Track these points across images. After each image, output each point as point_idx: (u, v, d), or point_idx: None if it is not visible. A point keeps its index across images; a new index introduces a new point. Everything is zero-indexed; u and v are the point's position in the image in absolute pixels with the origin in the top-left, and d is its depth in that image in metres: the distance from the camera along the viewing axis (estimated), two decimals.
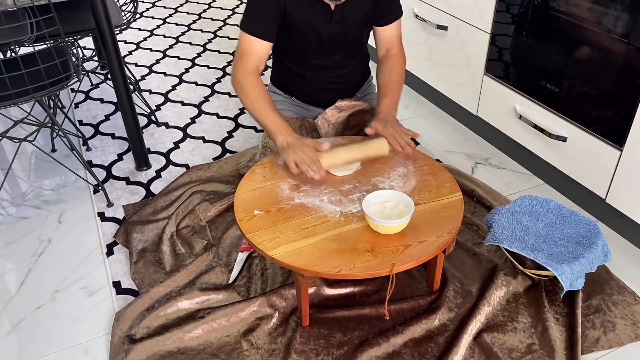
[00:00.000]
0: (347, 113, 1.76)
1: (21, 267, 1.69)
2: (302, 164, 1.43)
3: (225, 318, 1.43)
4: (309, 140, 1.49)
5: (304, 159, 1.43)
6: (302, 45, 1.65)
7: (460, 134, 2.31)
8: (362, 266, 1.23)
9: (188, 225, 1.78)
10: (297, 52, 1.70)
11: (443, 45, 2.26)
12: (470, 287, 1.54)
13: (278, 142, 1.50)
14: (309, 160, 1.43)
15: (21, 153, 2.24)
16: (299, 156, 1.44)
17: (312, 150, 1.46)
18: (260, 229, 1.34)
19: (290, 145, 1.47)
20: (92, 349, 1.44)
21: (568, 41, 1.69)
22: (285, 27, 1.60)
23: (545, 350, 1.37)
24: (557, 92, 1.78)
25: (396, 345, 1.38)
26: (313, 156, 1.45)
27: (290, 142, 1.48)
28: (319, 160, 1.45)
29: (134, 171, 2.11)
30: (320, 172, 1.43)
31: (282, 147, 1.49)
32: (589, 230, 1.55)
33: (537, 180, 2.04)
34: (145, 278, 1.61)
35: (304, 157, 1.44)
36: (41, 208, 1.94)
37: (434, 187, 1.46)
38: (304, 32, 1.61)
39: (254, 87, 1.56)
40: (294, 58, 1.72)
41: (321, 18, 1.59)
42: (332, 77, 1.76)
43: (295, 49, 1.68)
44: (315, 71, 1.74)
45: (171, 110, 2.51)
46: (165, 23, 3.46)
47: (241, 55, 1.58)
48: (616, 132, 1.62)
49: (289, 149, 1.47)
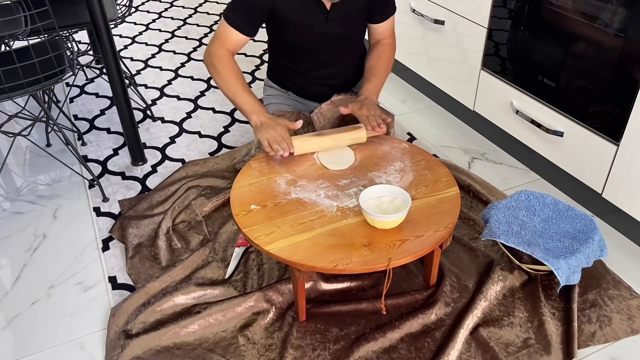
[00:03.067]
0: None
1: (16, 263, 1.68)
2: (274, 142, 1.49)
3: (221, 313, 1.43)
4: (282, 120, 1.55)
5: (276, 137, 1.49)
6: (298, 42, 1.65)
7: (457, 129, 2.31)
8: (358, 261, 1.23)
9: (184, 220, 1.77)
10: (293, 48, 1.69)
11: (440, 40, 2.25)
12: (467, 282, 1.54)
13: (252, 122, 1.56)
14: (280, 139, 1.49)
15: (16, 148, 2.23)
16: (271, 135, 1.50)
17: (284, 129, 1.52)
18: (256, 223, 1.33)
19: (263, 124, 1.53)
20: (87, 344, 1.43)
21: (565, 36, 1.69)
22: (280, 25, 1.60)
23: (541, 344, 1.38)
24: (554, 87, 1.78)
25: (393, 340, 1.38)
26: (284, 134, 1.51)
27: (264, 121, 1.53)
28: (289, 138, 1.51)
29: (129, 166, 2.10)
30: (290, 149, 1.50)
31: (256, 126, 1.55)
32: (585, 225, 1.55)
33: (534, 175, 2.04)
34: (141, 273, 1.60)
35: (275, 136, 1.50)
36: (36, 203, 1.93)
37: (431, 182, 1.46)
38: (299, 30, 1.61)
39: (227, 67, 1.59)
40: (290, 54, 1.72)
41: (317, 16, 1.58)
42: (328, 73, 1.75)
43: (291, 45, 1.68)
44: (311, 67, 1.73)
45: (167, 105, 2.50)
46: (161, 17, 3.44)
47: (217, 37, 1.61)
48: (613, 127, 1.62)
49: (262, 127, 1.52)
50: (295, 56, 1.71)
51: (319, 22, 1.59)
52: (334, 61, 1.73)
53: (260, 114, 1.56)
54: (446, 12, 2.17)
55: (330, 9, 1.57)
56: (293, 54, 1.71)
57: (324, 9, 1.57)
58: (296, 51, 1.69)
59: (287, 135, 1.51)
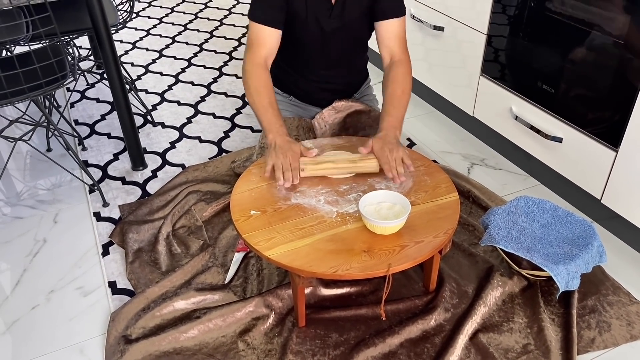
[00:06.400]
0: (344, 114, 1.77)
1: (16, 267, 1.69)
2: (278, 170, 1.42)
3: (221, 318, 1.43)
4: (297, 147, 1.47)
5: (283, 165, 1.42)
6: (303, 38, 1.64)
7: (457, 134, 2.32)
8: (358, 266, 1.23)
9: (184, 225, 1.77)
10: (297, 47, 1.68)
11: (439, 46, 2.26)
12: (467, 288, 1.54)
13: (268, 140, 1.50)
14: (287, 167, 1.42)
15: (16, 153, 2.23)
16: (279, 162, 1.43)
17: (296, 158, 1.45)
18: (256, 229, 1.33)
19: (276, 146, 1.46)
20: (87, 349, 1.43)
21: (564, 42, 1.70)
22: (289, 19, 1.60)
23: (541, 350, 1.38)
24: (553, 93, 1.78)
25: (392, 346, 1.38)
26: (293, 164, 1.43)
27: (279, 144, 1.46)
28: (297, 169, 1.44)
29: (129, 171, 2.11)
30: (293, 181, 1.42)
31: (269, 145, 1.49)
32: (584, 231, 1.56)
33: (533, 181, 2.04)
34: (141, 278, 1.60)
35: (283, 163, 1.42)
36: (36, 208, 1.93)
37: (430, 188, 1.47)
38: (305, 24, 1.60)
39: (257, 80, 1.55)
40: (294, 54, 1.72)
41: (322, 11, 1.58)
42: (331, 77, 1.75)
43: (296, 43, 1.67)
44: (314, 69, 1.73)
45: (167, 110, 2.51)
46: (162, 23, 3.46)
47: (250, 45, 1.57)
48: (612, 133, 1.62)
49: (273, 150, 1.46)
50: (300, 55, 1.71)
51: (324, 17, 1.59)
52: (337, 62, 1.73)
53: (277, 135, 1.48)
54: (446, 19, 2.18)
55: (334, 4, 1.57)
56: (297, 53, 1.70)
57: (329, 3, 1.58)
58: (301, 49, 1.68)
59: (296, 164, 1.44)
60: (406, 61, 1.64)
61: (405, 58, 1.64)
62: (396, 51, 1.64)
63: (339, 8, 1.58)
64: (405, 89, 1.60)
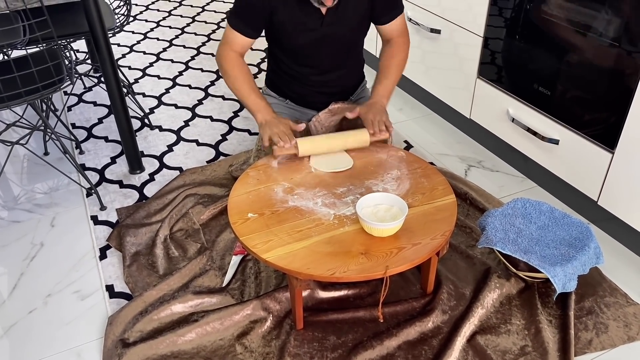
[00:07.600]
0: (339, 116, 1.77)
1: (13, 271, 1.68)
2: (274, 136, 1.54)
3: (219, 321, 1.43)
4: (285, 120, 1.60)
5: (277, 133, 1.54)
6: (295, 46, 1.66)
7: (454, 137, 2.32)
8: (356, 269, 1.23)
9: (182, 228, 1.77)
10: (291, 53, 1.70)
11: (436, 48, 2.27)
12: (464, 290, 1.54)
13: (257, 120, 1.62)
14: (282, 134, 1.54)
15: (13, 156, 2.23)
16: (273, 131, 1.54)
17: (287, 127, 1.57)
18: (254, 232, 1.34)
19: (267, 122, 1.58)
20: (84, 353, 1.43)
21: (560, 45, 1.70)
22: (278, 28, 1.61)
23: (538, 352, 1.38)
24: (549, 96, 1.79)
25: (390, 348, 1.38)
26: (287, 131, 1.55)
27: (268, 120, 1.59)
28: (292, 135, 1.55)
29: (127, 174, 2.10)
30: (291, 142, 1.53)
31: (260, 124, 1.60)
32: (581, 233, 1.56)
33: (530, 182, 2.05)
34: (138, 282, 1.60)
35: (277, 132, 1.54)
36: (34, 211, 1.93)
37: (428, 190, 1.47)
38: (295, 34, 1.61)
39: (235, 67, 1.65)
40: (289, 59, 1.72)
41: (312, 20, 1.59)
42: (326, 81, 1.76)
43: (289, 50, 1.69)
44: (309, 74, 1.74)
45: (165, 113, 2.51)
46: (159, 26, 3.46)
47: (225, 41, 1.66)
48: (608, 135, 1.63)
49: (265, 125, 1.57)
50: (293, 62, 1.72)
51: (315, 27, 1.60)
52: (332, 68, 1.73)
53: (266, 113, 1.61)
54: (442, 21, 2.19)
55: (325, 13, 1.59)
56: (291, 59, 1.72)
57: (320, 13, 1.59)
58: (294, 56, 1.70)
59: (290, 132, 1.55)
60: (406, 42, 1.76)
61: (406, 39, 1.76)
62: (395, 35, 1.75)
63: (331, 17, 1.59)
64: (400, 63, 1.72)
